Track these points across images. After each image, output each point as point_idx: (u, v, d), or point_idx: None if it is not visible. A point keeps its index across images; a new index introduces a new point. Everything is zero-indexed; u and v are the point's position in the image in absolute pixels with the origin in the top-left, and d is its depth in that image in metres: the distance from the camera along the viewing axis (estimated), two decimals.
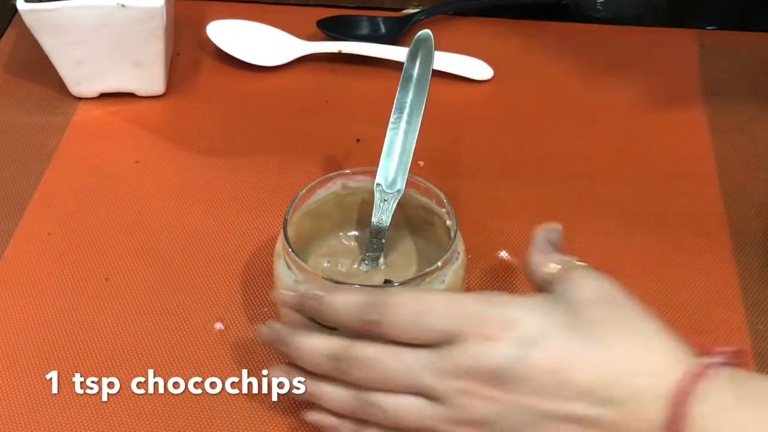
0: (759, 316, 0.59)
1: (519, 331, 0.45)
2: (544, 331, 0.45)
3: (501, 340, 0.44)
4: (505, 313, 0.46)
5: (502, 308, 0.46)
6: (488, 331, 0.45)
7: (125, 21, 0.69)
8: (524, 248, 0.63)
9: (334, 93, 0.77)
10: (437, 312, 0.46)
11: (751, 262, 0.62)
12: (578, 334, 0.45)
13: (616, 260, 0.62)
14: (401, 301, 0.47)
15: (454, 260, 0.53)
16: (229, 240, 0.64)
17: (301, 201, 0.57)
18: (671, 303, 0.60)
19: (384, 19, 0.83)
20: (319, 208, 0.58)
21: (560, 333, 0.45)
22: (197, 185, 0.69)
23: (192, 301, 0.60)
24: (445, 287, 0.52)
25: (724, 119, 0.73)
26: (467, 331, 0.45)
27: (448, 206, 0.55)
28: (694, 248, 0.63)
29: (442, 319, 0.46)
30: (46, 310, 0.60)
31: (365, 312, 0.47)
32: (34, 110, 0.75)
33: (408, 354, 0.46)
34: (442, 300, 0.47)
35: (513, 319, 0.45)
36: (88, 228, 0.65)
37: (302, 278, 0.52)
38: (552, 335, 0.45)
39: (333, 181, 0.58)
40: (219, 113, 0.75)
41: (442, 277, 0.52)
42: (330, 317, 0.49)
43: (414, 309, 0.46)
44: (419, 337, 0.46)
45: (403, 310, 0.47)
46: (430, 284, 0.51)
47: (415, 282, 0.51)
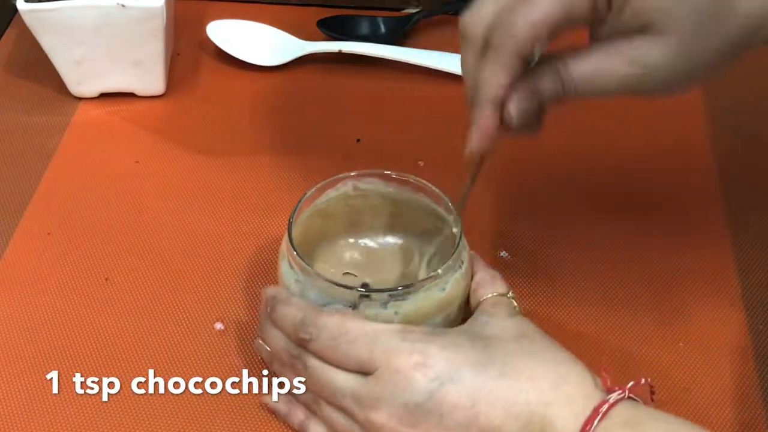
0: (759, 316, 0.59)
1: (432, 369, 0.46)
2: (455, 368, 0.46)
3: (414, 377, 0.46)
4: (420, 350, 0.46)
5: (417, 344, 0.47)
6: (402, 366, 0.46)
7: (125, 21, 0.69)
8: (524, 248, 0.63)
9: (334, 93, 0.77)
10: (356, 341, 0.48)
11: (751, 262, 0.62)
12: (489, 370, 0.46)
13: (614, 260, 0.62)
14: (327, 325, 0.48)
15: (457, 268, 0.53)
16: (229, 240, 0.64)
17: (309, 201, 0.56)
18: (671, 303, 0.60)
19: (384, 19, 0.83)
20: (327, 209, 0.57)
21: (471, 369, 0.46)
22: (197, 185, 0.69)
23: (192, 301, 0.60)
24: (446, 295, 0.52)
25: (724, 115, 0.73)
26: (383, 364, 0.47)
27: (454, 213, 0.55)
28: (694, 248, 0.63)
29: (359, 349, 0.47)
30: (46, 310, 0.60)
31: (298, 329, 0.49)
32: (34, 110, 0.75)
33: (339, 375, 0.48)
34: (362, 330, 0.48)
35: (427, 356, 0.46)
36: (88, 228, 0.65)
37: (303, 278, 0.52)
38: (463, 372, 0.46)
39: (343, 183, 0.57)
40: (219, 113, 0.75)
41: (443, 285, 0.52)
42: (277, 326, 0.51)
43: (335, 334, 0.48)
44: (340, 362, 0.48)
45: (326, 333, 0.48)
46: (429, 291, 0.51)
47: (412, 288, 0.51)
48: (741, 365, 0.56)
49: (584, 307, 0.59)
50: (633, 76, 0.44)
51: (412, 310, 0.51)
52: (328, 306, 0.51)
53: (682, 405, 0.54)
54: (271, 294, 0.52)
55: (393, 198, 0.58)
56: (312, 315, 0.49)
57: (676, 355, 0.57)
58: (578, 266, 0.62)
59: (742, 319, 0.59)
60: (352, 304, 0.50)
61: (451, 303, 0.52)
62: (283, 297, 0.51)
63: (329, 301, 0.51)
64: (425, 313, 0.51)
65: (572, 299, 0.60)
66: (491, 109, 0.47)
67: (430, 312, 0.51)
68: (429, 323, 0.51)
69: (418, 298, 0.51)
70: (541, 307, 0.60)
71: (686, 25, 0.44)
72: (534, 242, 0.64)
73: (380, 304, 0.50)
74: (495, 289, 0.53)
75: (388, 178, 0.57)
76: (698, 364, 0.56)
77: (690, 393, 0.55)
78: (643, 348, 0.57)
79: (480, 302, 0.52)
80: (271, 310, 0.51)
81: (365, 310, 0.50)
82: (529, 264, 0.62)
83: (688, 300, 0.60)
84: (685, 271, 0.62)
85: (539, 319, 0.58)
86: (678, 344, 0.57)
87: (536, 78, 0.46)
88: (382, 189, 0.57)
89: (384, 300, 0.50)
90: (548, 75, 0.46)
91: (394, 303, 0.50)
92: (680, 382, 0.55)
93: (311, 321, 0.49)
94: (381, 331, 0.48)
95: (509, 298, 0.53)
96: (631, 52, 0.44)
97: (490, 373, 0.46)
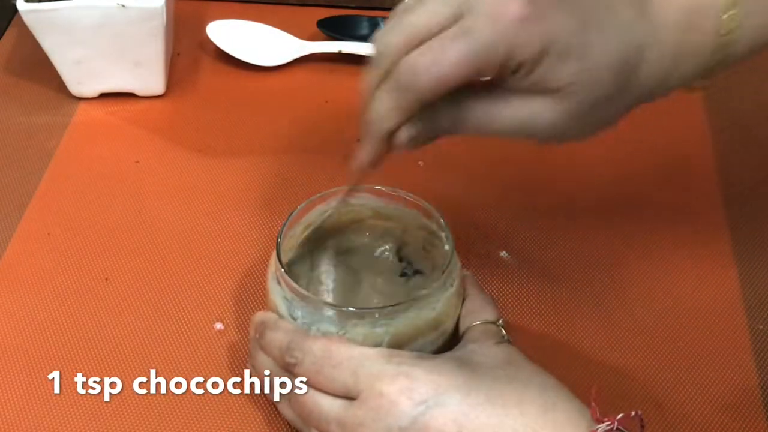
0: (759, 316, 0.59)
1: (417, 392, 0.45)
2: (441, 392, 0.45)
3: (399, 401, 0.45)
4: (405, 373, 0.46)
5: (403, 367, 0.46)
6: (386, 390, 0.45)
7: (125, 21, 0.69)
8: (524, 248, 0.63)
9: (334, 93, 0.77)
10: (341, 365, 0.47)
11: (751, 262, 0.62)
12: (475, 396, 0.45)
13: (614, 260, 0.62)
14: (313, 349, 0.48)
15: (447, 287, 0.51)
16: (229, 240, 0.64)
17: (297, 217, 0.55)
18: (670, 303, 0.60)
19: (384, 19, 0.82)
20: (316, 225, 0.56)
21: (457, 393, 0.45)
22: (197, 185, 0.69)
23: (192, 301, 0.60)
24: (437, 314, 0.50)
25: (724, 115, 0.73)
26: (368, 389, 0.46)
27: (445, 229, 0.53)
28: (694, 248, 0.63)
29: (343, 373, 0.47)
30: (46, 310, 0.60)
31: (285, 353, 0.49)
32: (34, 110, 0.75)
33: (324, 399, 0.48)
34: (347, 354, 0.47)
35: (412, 380, 0.46)
36: (88, 228, 0.65)
37: (290, 296, 0.51)
38: (449, 396, 0.45)
39: (334, 197, 0.56)
40: (219, 113, 0.75)
41: (434, 304, 0.50)
42: (266, 351, 0.51)
43: (321, 358, 0.48)
44: (325, 387, 0.47)
45: (311, 357, 0.48)
46: (420, 310, 0.50)
47: (401, 307, 0.49)
48: (741, 366, 0.56)
49: (584, 307, 0.59)
50: (526, 129, 0.46)
51: (402, 329, 0.49)
52: (316, 325, 0.50)
53: (681, 405, 0.54)
54: (259, 320, 0.52)
55: (384, 213, 0.57)
56: (298, 339, 0.49)
57: (674, 354, 0.57)
58: (578, 266, 0.62)
59: (742, 319, 0.59)
60: (340, 322, 0.49)
61: (442, 322, 0.51)
62: (271, 322, 0.51)
63: (317, 320, 0.50)
64: (415, 332, 0.50)
65: (572, 299, 0.60)
66: (380, 140, 0.47)
67: (420, 331, 0.50)
68: (420, 343, 0.50)
69: (408, 316, 0.49)
70: (540, 307, 0.60)
71: (589, 99, 0.45)
72: (534, 242, 0.64)
73: (369, 323, 0.49)
74: (485, 316, 0.52)
75: (380, 193, 0.56)
76: (697, 364, 0.56)
77: (689, 393, 0.55)
78: (642, 348, 0.57)
79: (468, 329, 0.51)
80: (260, 336, 0.51)
81: (354, 329, 0.49)
82: (529, 264, 0.62)
83: (687, 300, 0.60)
84: (685, 270, 0.62)
85: (539, 319, 0.59)
86: (677, 344, 0.57)
87: (432, 114, 0.46)
88: (373, 204, 0.56)
89: (373, 319, 0.49)
90: (444, 113, 0.47)
91: (383, 322, 0.49)
92: (679, 382, 0.55)
93: (297, 345, 0.48)
94: (366, 355, 0.47)
95: (498, 326, 0.51)
96: (526, 109, 0.46)
97: (477, 398, 0.45)
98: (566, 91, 0.45)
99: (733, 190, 0.67)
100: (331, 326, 0.49)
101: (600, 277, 0.61)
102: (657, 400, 0.54)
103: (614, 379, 0.55)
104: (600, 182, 0.69)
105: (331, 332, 0.49)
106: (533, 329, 0.58)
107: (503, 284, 0.61)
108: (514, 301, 0.60)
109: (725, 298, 0.60)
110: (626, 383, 0.55)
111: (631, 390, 0.55)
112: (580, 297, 0.60)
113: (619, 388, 0.55)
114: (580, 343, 0.58)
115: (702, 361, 0.57)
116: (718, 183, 0.68)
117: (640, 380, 0.56)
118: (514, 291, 0.61)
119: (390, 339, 0.49)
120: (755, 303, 0.60)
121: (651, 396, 0.55)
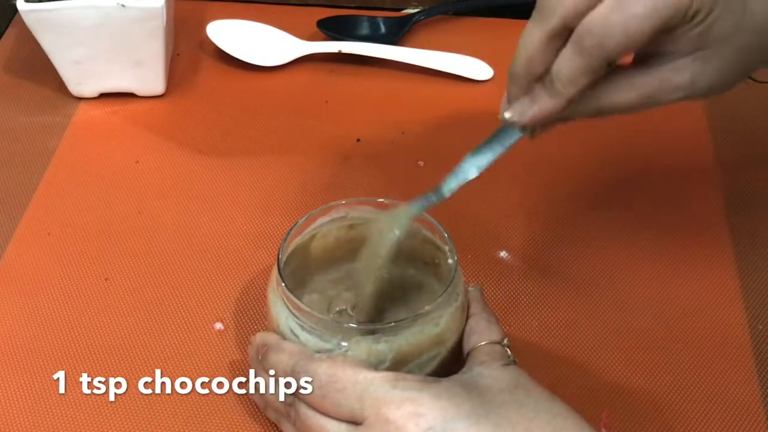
0: (759, 316, 0.59)
1: (424, 419, 0.44)
2: (449, 418, 0.44)
3: (405, 426, 0.44)
4: (412, 398, 0.45)
5: (410, 393, 0.45)
6: (392, 416, 0.44)
7: (125, 21, 0.69)
8: (524, 248, 0.63)
9: (334, 93, 0.77)
10: (346, 390, 0.46)
11: (751, 262, 0.62)
12: (483, 422, 0.44)
13: (614, 261, 0.62)
14: (317, 373, 0.47)
15: (452, 302, 0.50)
16: (229, 240, 0.64)
17: (299, 231, 0.54)
18: (671, 303, 0.60)
19: (384, 19, 0.83)
20: (318, 238, 0.56)
21: (466, 420, 0.44)
22: (197, 185, 0.69)
23: (192, 301, 0.60)
24: (440, 330, 0.50)
25: (724, 114, 0.73)
26: (374, 415, 0.45)
27: (449, 243, 0.52)
28: (694, 248, 0.63)
29: (349, 398, 0.46)
30: (46, 310, 0.60)
31: (289, 377, 0.48)
32: (34, 110, 0.75)
33: (329, 423, 0.47)
34: (352, 378, 0.46)
35: (419, 405, 0.45)
36: (88, 228, 0.65)
37: (292, 310, 0.50)
38: (457, 422, 0.44)
39: (336, 210, 0.55)
40: (219, 113, 0.75)
41: (437, 320, 0.50)
42: (270, 373, 0.50)
43: (325, 383, 0.47)
44: (330, 411, 0.47)
45: (317, 382, 0.47)
46: (423, 326, 0.49)
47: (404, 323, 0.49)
48: (741, 366, 0.56)
49: (583, 308, 0.59)
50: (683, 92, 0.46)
51: (405, 345, 0.49)
52: (318, 340, 0.49)
53: (680, 405, 0.54)
54: (260, 341, 0.51)
55: None
56: (303, 362, 0.48)
57: (675, 356, 0.57)
58: (578, 266, 0.62)
59: (742, 319, 0.59)
60: (343, 339, 0.49)
61: (446, 338, 0.50)
62: (274, 344, 0.50)
63: (319, 336, 0.49)
64: (419, 348, 0.49)
65: (572, 299, 0.60)
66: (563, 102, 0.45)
67: (424, 347, 0.49)
68: (424, 358, 0.49)
69: (412, 332, 0.49)
70: (540, 307, 0.60)
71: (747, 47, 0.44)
72: (534, 242, 0.64)
73: (372, 339, 0.48)
74: (489, 336, 0.50)
75: (382, 206, 0.55)
76: (698, 364, 0.56)
77: (689, 394, 0.55)
78: (642, 348, 0.57)
79: (473, 349, 0.50)
80: (263, 358, 0.50)
81: (357, 345, 0.48)
82: (528, 264, 0.62)
83: (687, 300, 0.60)
84: (685, 270, 0.62)
85: (539, 319, 0.59)
86: (677, 344, 0.57)
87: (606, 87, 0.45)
88: (373, 217, 0.55)
89: (376, 335, 0.48)
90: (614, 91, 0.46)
91: (386, 338, 0.48)
92: (678, 381, 0.55)
93: (301, 368, 0.47)
94: (371, 379, 0.46)
95: (503, 345, 0.50)
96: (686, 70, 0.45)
97: (485, 425, 0.44)
98: (727, 40, 0.43)
99: (733, 190, 0.67)
100: (333, 342, 0.49)
101: (600, 278, 0.61)
102: (657, 399, 0.55)
103: (615, 379, 0.56)
104: (600, 182, 0.69)
105: (333, 349, 0.49)
106: (533, 329, 0.58)
107: (503, 284, 0.61)
108: (514, 301, 0.60)
109: (725, 298, 0.60)
110: (627, 386, 0.55)
111: (630, 393, 0.55)
112: (579, 297, 0.60)
113: (618, 392, 0.55)
114: (579, 343, 0.58)
115: (702, 361, 0.56)
116: (718, 183, 0.68)
117: (640, 380, 0.55)
118: (514, 291, 0.61)
119: (394, 355, 0.49)
120: (755, 303, 0.60)
121: (651, 396, 0.55)
